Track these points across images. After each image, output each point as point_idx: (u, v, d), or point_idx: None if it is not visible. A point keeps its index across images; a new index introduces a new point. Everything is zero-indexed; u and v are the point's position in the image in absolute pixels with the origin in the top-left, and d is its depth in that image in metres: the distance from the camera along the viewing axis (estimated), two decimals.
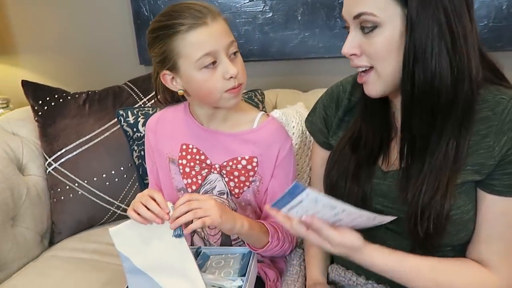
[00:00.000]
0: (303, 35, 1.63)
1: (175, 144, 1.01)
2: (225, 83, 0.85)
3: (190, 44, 0.83)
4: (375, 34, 0.70)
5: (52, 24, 1.85)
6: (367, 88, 0.77)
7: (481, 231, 0.76)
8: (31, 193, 1.32)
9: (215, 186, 1.00)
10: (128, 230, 0.87)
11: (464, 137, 0.73)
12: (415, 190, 0.75)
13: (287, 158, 0.97)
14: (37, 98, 1.38)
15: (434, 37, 0.68)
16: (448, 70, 0.69)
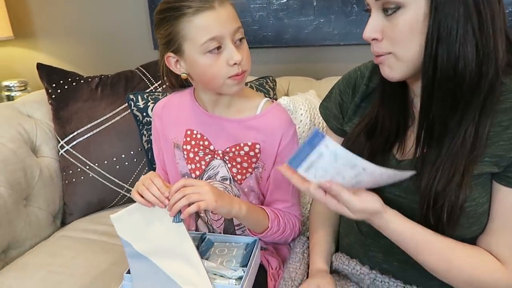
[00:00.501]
0: (318, 21, 1.60)
1: (180, 129, 1.01)
2: (229, 69, 0.84)
3: (196, 27, 0.82)
4: (398, 15, 0.67)
5: (70, 9, 1.88)
6: (384, 70, 0.74)
7: (493, 224, 0.74)
8: (44, 175, 1.35)
9: (218, 172, 1.00)
10: (129, 216, 0.88)
11: (484, 124, 0.70)
12: (429, 177, 0.72)
13: (290, 145, 0.96)
14: (51, 81, 1.41)
15: (460, 18, 0.65)
16: (474, 54, 0.67)
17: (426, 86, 0.71)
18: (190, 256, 0.85)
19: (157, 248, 0.87)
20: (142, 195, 0.84)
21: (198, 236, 1.01)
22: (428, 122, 0.74)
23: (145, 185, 0.84)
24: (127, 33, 1.84)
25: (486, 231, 0.75)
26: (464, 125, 0.71)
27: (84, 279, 1.09)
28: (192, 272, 0.84)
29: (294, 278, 0.91)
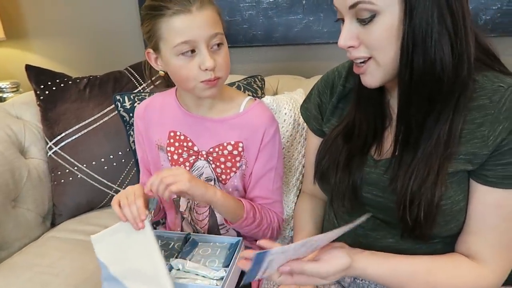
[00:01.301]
0: (308, 19, 1.59)
1: (163, 131, 1.01)
2: (201, 74, 0.85)
3: (170, 29, 0.83)
4: (374, 22, 0.67)
5: (62, 10, 1.88)
6: (365, 79, 0.74)
7: (471, 223, 0.74)
8: (32, 176, 1.36)
9: (203, 172, 1.00)
10: (108, 238, 0.88)
11: (457, 122, 0.71)
12: (404, 178, 0.73)
13: (272, 142, 0.97)
14: (39, 83, 1.41)
15: (434, 21, 0.65)
16: (450, 55, 0.67)
17: (403, 89, 0.72)
18: (161, 279, 0.84)
19: (129, 269, 0.87)
20: (122, 209, 0.85)
21: (182, 237, 1.01)
22: (406, 125, 0.74)
23: (128, 200, 0.85)
24: (119, 33, 1.84)
25: (465, 230, 0.76)
26: (439, 125, 0.71)
27: (71, 279, 1.10)
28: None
29: None
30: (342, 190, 0.83)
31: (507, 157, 0.69)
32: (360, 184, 0.81)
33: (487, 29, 1.46)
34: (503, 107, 0.68)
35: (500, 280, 0.75)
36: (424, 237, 0.74)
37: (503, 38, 1.48)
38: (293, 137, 1.17)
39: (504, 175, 0.69)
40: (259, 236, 1.02)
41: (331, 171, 0.85)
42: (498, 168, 0.70)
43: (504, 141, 0.68)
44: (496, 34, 1.46)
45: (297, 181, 1.19)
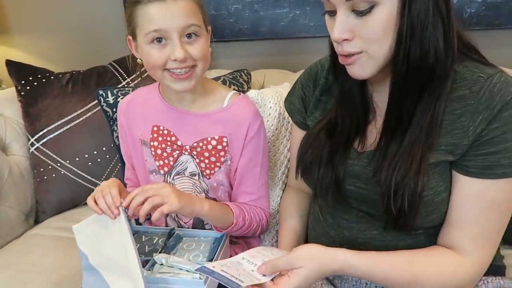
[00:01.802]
0: (294, 13, 1.59)
1: (146, 126, 1.00)
2: (169, 63, 0.85)
3: (144, 17, 0.84)
4: (372, 14, 0.65)
5: (44, 5, 1.85)
6: (353, 70, 0.72)
7: (453, 214, 0.74)
8: (14, 173, 1.34)
9: (187, 167, 0.99)
10: (88, 228, 0.87)
11: (439, 111, 0.71)
12: (388, 169, 0.73)
13: (256, 137, 0.96)
14: (20, 78, 1.39)
15: (430, 11, 0.65)
16: (443, 45, 0.67)
17: (396, 82, 0.71)
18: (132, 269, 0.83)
19: (106, 260, 0.86)
20: (97, 202, 0.84)
21: (166, 232, 1.01)
22: (396, 116, 0.73)
23: (102, 192, 0.84)
24: (103, 28, 1.82)
25: (447, 222, 0.76)
26: (425, 115, 0.71)
27: (53, 277, 1.08)
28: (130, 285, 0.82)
29: None
30: (326, 184, 0.83)
31: (487, 147, 0.69)
32: (343, 177, 0.81)
33: (472, 22, 1.47)
34: (482, 97, 0.68)
35: (481, 271, 0.75)
36: (408, 227, 0.74)
37: (488, 31, 1.49)
38: (278, 131, 1.16)
39: (484, 166, 0.69)
40: (249, 235, 1.02)
41: (314, 166, 0.84)
42: (478, 158, 0.70)
43: (484, 131, 0.68)
44: (481, 27, 1.47)
45: (283, 175, 1.18)
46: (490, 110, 0.68)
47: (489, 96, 0.68)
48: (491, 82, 0.69)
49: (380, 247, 0.80)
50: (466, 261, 0.73)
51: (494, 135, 0.68)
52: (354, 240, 0.83)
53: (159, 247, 0.96)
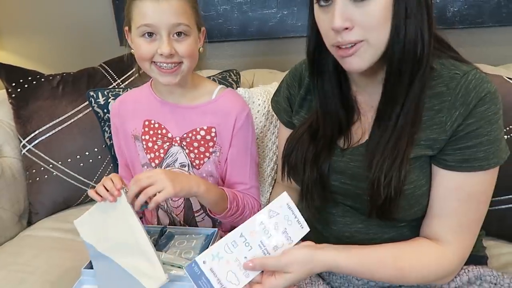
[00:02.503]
0: (282, 13, 1.61)
1: (138, 121, 1.04)
2: (156, 57, 0.90)
3: (137, 11, 0.90)
4: (370, 1, 0.66)
5: (34, 6, 1.84)
6: (353, 62, 0.71)
7: (434, 206, 0.77)
8: (6, 175, 1.34)
9: (177, 158, 1.03)
10: (91, 218, 0.90)
11: (421, 100, 0.73)
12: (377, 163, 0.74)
13: (244, 126, 1.01)
14: (10, 80, 1.39)
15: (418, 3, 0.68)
16: (428, 35, 0.70)
17: (392, 70, 0.72)
18: (144, 247, 0.86)
19: (115, 245, 0.88)
20: (97, 190, 0.86)
21: (158, 230, 1.02)
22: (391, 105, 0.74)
23: (103, 182, 0.87)
24: (93, 30, 1.82)
25: (429, 214, 0.78)
26: (411, 107, 0.73)
27: (47, 276, 1.09)
28: (146, 264, 0.85)
29: None
30: (312, 182, 0.85)
31: (464, 141, 0.71)
32: (328, 173, 0.83)
33: (455, 20, 1.50)
34: (459, 93, 0.71)
35: (462, 260, 0.78)
36: (391, 219, 0.76)
37: (471, 29, 1.53)
38: (266, 128, 1.18)
39: (462, 159, 0.72)
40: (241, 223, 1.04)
41: (300, 167, 0.86)
42: (456, 152, 0.72)
43: (461, 126, 0.71)
44: (464, 25, 1.51)
45: (272, 171, 1.21)
46: (466, 106, 0.70)
47: (465, 93, 0.71)
48: (467, 79, 0.71)
49: (366, 240, 0.83)
50: (448, 251, 0.76)
51: (470, 130, 0.71)
52: (340, 234, 0.86)
53: None
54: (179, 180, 0.86)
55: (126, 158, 1.10)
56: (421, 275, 0.76)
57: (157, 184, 0.83)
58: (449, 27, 1.51)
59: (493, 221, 1.12)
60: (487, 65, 1.37)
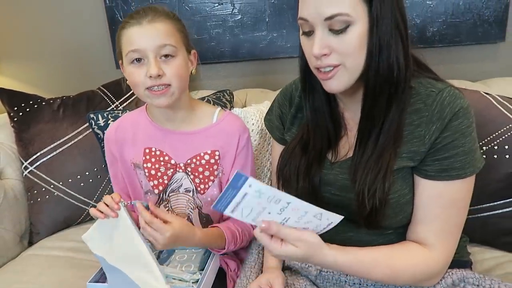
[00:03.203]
0: (272, 36, 1.68)
1: (137, 149, 1.04)
2: (147, 80, 0.91)
3: (125, 39, 0.93)
4: (347, 32, 0.73)
5: (30, 32, 1.87)
6: (332, 84, 0.78)
7: (418, 213, 0.82)
8: (9, 196, 1.38)
9: (182, 184, 1.04)
10: (96, 232, 0.94)
11: (402, 119, 0.79)
12: (362, 176, 0.80)
13: (246, 147, 1.04)
14: (12, 105, 1.44)
15: (393, 29, 0.74)
16: (403, 59, 0.76)
17: (368, 92, 0.79)
18: (146, 259, 0.90)
19: (121, 256, 0.92)
20: (98, 208, 0.90)
21: None
22: (369, 125, 0.81)
23: (102, 200, 0.90)
24: (89, 54, 1.86)
25: (413, 220, 0.84)
26: (392, 125, 0.79)
27: None
28: (149, 275, 0.90)
29: (249, 276, 0.97)
30: (305, 194, 0.90)
31: (442, 153, 0.78)
32: (319, 185, 0.89)
33: (435, 40, 1.58)
34: (435, 109, 0.78)
35: (446, 261, 0.83)
36: (379, 227, 0.82)
37: (450, 47, 1.61)
38: (261, 146, 1.24)
39: (440, 169, 0.78)
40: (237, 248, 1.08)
41: (293, 179, 0.91)
42: (435, 163, 0.79)
43: (438, 139, 0.78)
44: (443, 44, 1.59)
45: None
46: (442, 120, 0.77)
47: (440, 108, 0.78)
48: (442, 95, 0.78)
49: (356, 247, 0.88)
50: (433, 253, 0.81)
51: (447, 142, 0.77)
52: (332, 241, 0.90)
53: None
54: (177, 242, 0.91)
55: (123, 186, 1.10)
56: (411, 274, 0.81)
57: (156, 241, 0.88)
58: (430, 46, 1.60)
59: (476, 228, 1.18)
60: (465, 81, 1.44)
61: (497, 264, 1.14)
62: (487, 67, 1.62)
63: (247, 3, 1.65)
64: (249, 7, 1.66)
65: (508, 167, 1.13)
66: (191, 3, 1.66)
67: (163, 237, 0.87)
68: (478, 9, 1.53)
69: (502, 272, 1.10)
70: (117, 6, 1.73)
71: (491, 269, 1.12)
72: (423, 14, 1.56)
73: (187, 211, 1.06)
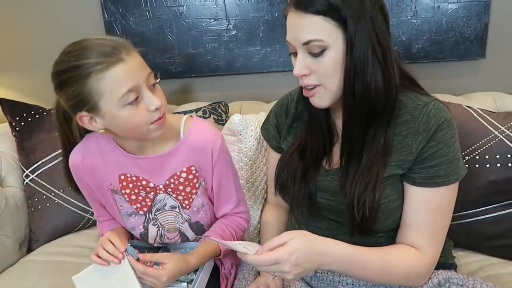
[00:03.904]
0: (265, 50, 1.74)
1: (112, 175, 0.98)
2: (151, 115, 0.85)
3: (110, 82, 0.80)
4: (324, 56, 0.80)
5: (29, 45, 1.88)
6: (314, 101, 0.86)
7: (407, 218, 0.89)
8: (10, 204, 1.40)
9: (166, 203, 1.03)
10: (89, 276, 0.94)
11: (390, 134, 0.86)
12: (352, 184, 0.86)
13: (222, 153, 1.00)
14: (14, 115, 1.47)
15: (369, 54, 0.79)
16: (382, 81, 0.81)
17: (346, 111, 0.85)
18: None
19: None
20: (98, 254, 0.91)
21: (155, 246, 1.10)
22: (349, 140, 0.88)
23: (101, 244, 0.91)
24: None
25: (402, 224, 0.90)
26: (377, 139, 0.86)
27: None
28: None
29: (247, 278, 1.02)
30: (300, 198, 0.96)
31: (428, 161, 0.85)
32: (314, 191, 0.95)
33: (420, 56, 1.67)
34: (421, 121, 0.85)
35: (434, 262, 0.90)
36: (370, 231, 0.88)
37: (434, 63, 1.69)
38: (258, 151, 1.30)
39: (427, 176, 0.85)
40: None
41: (290, 183, 0.97)
42: (422, 171, 0.85)
43: (424, 148, 0.84)
44: (428, 60, 1.67)
45: (262, 190, 1.32)
46: (428, 131, 0.84)
47: (426, 120, 0.84)
48: (427, 108, 0.85)
49: None
50: (421, 255, 0.87)
51: (432, 152, 0.84)
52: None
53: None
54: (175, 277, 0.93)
55: (105, 212, 1.08)
56: (403, 271, 0.86)
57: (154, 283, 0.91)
58: (415, 62, 1.68)
59: (461, 233, 1.25)
60: (448, 95, 1.52)
61: (480, 267, 1.21)
62: (468, 82, 1.70)
63: (241, 19, 1.72)
64: (243, 23, 1.72)
65: (488, 176, 1.20)
66: (187, 18, 1.73)
67: (161, 282, 0.90)
68: (460, 28, 1.63)
69: (485, 274, 1.16)
70: (116, 21, 1.77)
71: (474, 272, 1.18)
72: (408, 32, 1.64)
73: (177, 225, 1.06)
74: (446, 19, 1.62)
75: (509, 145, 1.19)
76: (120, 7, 1.75)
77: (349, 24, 0.77)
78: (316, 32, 0.78)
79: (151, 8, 1.74)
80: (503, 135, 1.20)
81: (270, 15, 1.70)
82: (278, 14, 1.69)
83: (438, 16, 1.62)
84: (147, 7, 1.75)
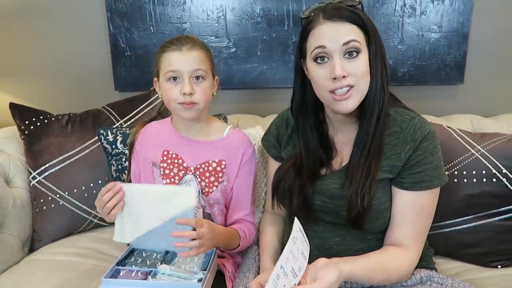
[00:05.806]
0: (262, 68, 1.85)
1: (157, 150, 1.22)
2: (180, 97, 1.10)
3: (165, 60, 1.11)
4: (358, 58, 0.92)
5: (36, 54, 1.93)
6: (347, 104, 0.93)
7: (395, 219, 0.99)
8: (16, 204, 1.45)
9: (190, 185, 1.19)
10: (121, 223, 1.06)
11: (383, 136, 0.97)
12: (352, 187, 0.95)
13: (249, 161, 1.21)
14: (23, 119, 1.52)
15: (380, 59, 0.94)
16: (386, 88, 0.95)
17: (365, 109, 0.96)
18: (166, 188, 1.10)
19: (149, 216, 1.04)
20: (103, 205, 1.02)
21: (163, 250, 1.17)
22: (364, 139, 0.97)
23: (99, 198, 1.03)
24: (91, 76, 1.94)
25: (390, 225, 1.00)
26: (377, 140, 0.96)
27: None
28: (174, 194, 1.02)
29: (248, 276, 1.09)
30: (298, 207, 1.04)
31: (414, 168, 0.96)
32: (312, 195, 1.03)
33: (405, 79, 1.81)
34: (408, 132, 0.97)
35: (418, 259, 1.00)
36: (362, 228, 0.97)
37: (418, 86, 1.83)
38: (259, 163, 1.39)
39: (414, 181, 0.96)
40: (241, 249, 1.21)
41: (287, 195, 1.05)
42: (410, 176, 0.96)
43: (411, 157, 0.96)
44: (412, 83, 1.82)
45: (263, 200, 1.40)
46: (414, 141, 0.95)
47: (413, 131, 0.96)
48: (414, 122, 0.97)
49: (341, 250, 1.02)
50: (408, 253, 0.97)
51: (418, 160, 0.95)
52: (322, 246, 1.05)
53: (158, 260, 1.13)
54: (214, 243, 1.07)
55: (139, 179, 1.26)
56: (399, 274, 0.96)
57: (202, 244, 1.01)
58: (400, 84, 1.82)
59: (441, 242, 1.34)
60: (430, 116, 1.64)
61: (458, 272, 1.31)
62: (448, 105, 1.83)
63: (241, 38, 1.83)
64: (243, 41, 1.84)
65: (466, 190, 1.31)
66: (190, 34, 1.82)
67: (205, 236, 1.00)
68: (441, 55, 1.78)
69: (462, 279, 1.24)
70: (120, 34, 1.86)
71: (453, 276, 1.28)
72: (395, 56, 1.79)
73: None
74: (429, 46, 1.77)
75: (484, 163, 1.30)
76: (126, 21, 1.84)
77: (370, 36, 0.92)
78: (354, 35, 0.91)
79: (155, 23, 1.84)
80: (479, 153, 1.32)
81: (268, 35, 1.82)
82: (275, 35, 1.82)
83: (422, 43, 1.77)
84: (152, 22, 1.84)
